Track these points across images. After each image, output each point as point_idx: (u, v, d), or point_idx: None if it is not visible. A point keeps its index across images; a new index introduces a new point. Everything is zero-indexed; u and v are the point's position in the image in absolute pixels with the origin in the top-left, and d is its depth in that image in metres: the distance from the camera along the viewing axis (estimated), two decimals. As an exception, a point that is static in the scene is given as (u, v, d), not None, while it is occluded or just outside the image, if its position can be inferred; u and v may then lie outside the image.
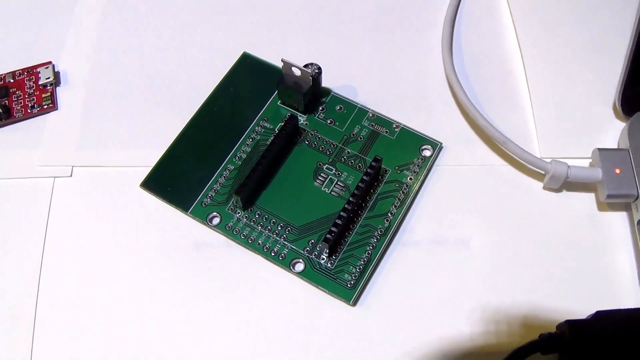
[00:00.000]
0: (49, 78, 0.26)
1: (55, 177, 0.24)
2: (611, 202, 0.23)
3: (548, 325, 0.21)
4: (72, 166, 0.24)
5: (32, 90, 0.26)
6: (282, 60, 0.24)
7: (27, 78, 0.26)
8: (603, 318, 0.20)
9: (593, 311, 0.20)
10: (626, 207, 0.23)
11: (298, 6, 0.29)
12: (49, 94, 0.26)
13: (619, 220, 0.23)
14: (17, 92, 0.26)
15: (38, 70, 0.26)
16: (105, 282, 0.22)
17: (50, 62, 0.27)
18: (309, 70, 0.24)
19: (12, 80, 0.26)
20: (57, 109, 0.26)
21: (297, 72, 0.24)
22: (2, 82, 0.26)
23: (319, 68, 0.24)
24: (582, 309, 0.21)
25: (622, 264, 0.22)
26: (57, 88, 0.26)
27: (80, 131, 0.25)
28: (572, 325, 0.19)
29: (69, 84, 0.27)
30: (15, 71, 0.27)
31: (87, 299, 0.22)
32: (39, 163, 0.24)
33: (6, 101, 0.26)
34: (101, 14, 0.28)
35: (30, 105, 0.26)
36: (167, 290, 0.22)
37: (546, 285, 0.22)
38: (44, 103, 0.26)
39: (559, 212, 0.23)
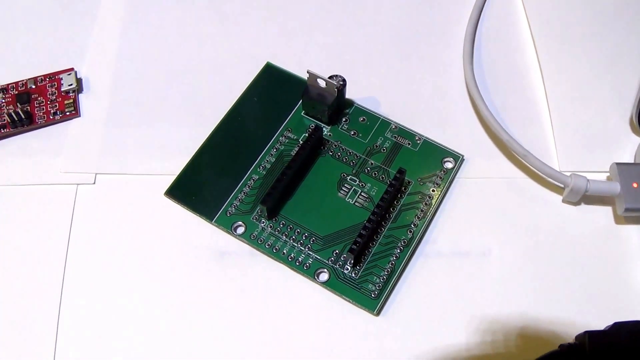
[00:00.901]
0: (71, 84, 0.26)
1: (78, 184, 0.24)
2: (628, 216, 0.23)
3: (566, 336, 0.21)
4: (96, 173, 0.24)
5: (54, 97, 0.26)
6: (307, 72, 0.24)
7: (49, 84, 0.26)
8: (621, 329, 0.20)
9: (610, 323, 0.20)
10: (643, 221, 0.24)
11: (322, 18, 0.29)
12: (71, 100, 0.26)
13: (636, 233, 0.23)
14: (39, 99, 0.26)
15: (60, 76, 0.26)
16: (128, 291, 0.22)
17: (72, 69, 0.27)
18: (335, 82, 0.24)
19: (34, 86, 0.26)
20: (79, 116, 0.26)
21: (323, 84, 0.24)
22: (23, 88, 0.26)
23: (344, 80, 0.24)
24: (599, 321, 0.21)
25: (639, 276, 0.22)
26: (80, 95, 0.26)
27: (103, 138, 0.25)
28: (591, 336, 0.20)
29: (91, 90, 0.27)
30: (37, 77, 0.26)
31: (110, 307, 0.22)
32: (61, 170, 0.24)
33: (28, 107, 0.26)
34: (124, 21, 0.28)
35: (52, 111, 0.26)
36: (191, 299, 0.22)
37: (564, 297, 0.22)
38: (66, 109, 0.26)
39: (578, 224, 0.23)
